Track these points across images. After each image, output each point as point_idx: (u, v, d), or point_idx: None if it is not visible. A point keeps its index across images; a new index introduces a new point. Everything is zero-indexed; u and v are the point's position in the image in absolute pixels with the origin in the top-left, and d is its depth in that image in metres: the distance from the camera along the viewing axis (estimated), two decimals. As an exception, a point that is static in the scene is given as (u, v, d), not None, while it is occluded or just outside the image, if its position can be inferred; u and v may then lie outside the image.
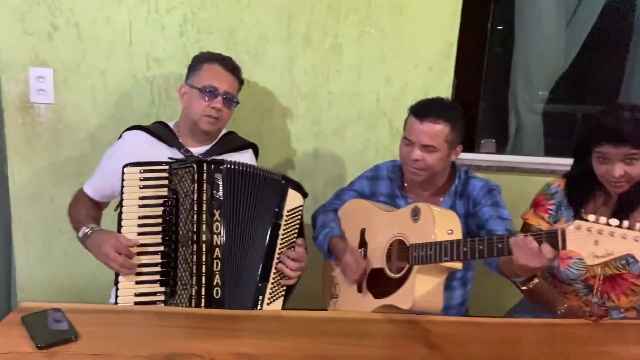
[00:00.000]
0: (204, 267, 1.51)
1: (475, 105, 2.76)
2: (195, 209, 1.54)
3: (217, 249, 1.53)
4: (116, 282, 1.55)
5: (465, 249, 1.39)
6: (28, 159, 2.07)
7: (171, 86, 2.03)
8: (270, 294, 1.58)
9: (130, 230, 1.55)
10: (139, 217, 1.56)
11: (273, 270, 1.60)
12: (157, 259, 1.55)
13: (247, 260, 1.57)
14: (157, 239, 1.56)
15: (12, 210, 2.11)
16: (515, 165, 2.34)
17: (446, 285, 1.56)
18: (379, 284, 1.62)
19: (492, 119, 2.72)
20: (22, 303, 1.40)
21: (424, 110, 1.63)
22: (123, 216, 1.56)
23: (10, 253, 2.16)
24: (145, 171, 1.59)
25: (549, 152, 2.52)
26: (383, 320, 1.47)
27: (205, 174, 1.57)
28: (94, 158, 2.05)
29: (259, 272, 1.58)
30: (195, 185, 1.56)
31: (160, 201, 1.57)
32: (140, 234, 1.55)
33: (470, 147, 2.40)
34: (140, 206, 1.56)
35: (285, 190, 1.64)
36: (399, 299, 1.52)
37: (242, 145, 1.84)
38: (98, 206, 1.78)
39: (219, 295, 1.51)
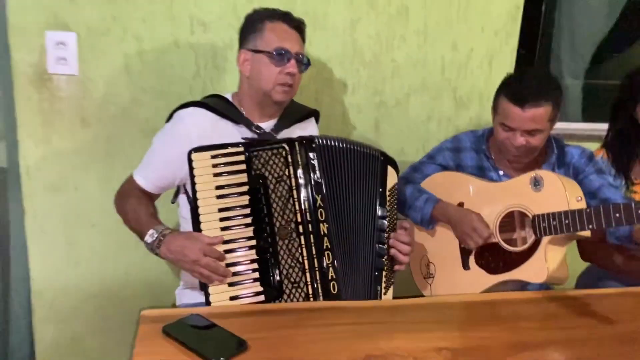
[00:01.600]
0: (316, 261, 1.36)
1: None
2: (295, 196, 1.38)
3: (326, 239, 1.38)
4: (203, 288, 1.36)
5: (603, 216, 1.36)
6: (45, 142, 1.78)
7: (219, 54, 1.81)
8: (385, 282, 1.46)
9: (212, 226, 1.36)
10: (220, 210, 1.37)
11: (385, 257, 1.48)
12: (251, 255, 1.38)
13: (358, 248, 1.43)
14: (247, 232, 1.38)
15: (24, 203, 1.82)
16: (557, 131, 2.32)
17: None
18: (492, 259, 1.56)
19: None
20: (143, 312, 1.22)
21: (522, 94, 1.53)
22: (200, 211, 1.36)
23: (25, 255, 1.88)
24: (217, 156, 1.39)
25: (587, 118, 2.53)
26: (542, 299, 1.43)
27: (299, 155, 1.41)
28: (127, 139, 1.83)
29: (373, 260, 1.44)
30: (290, 168, 1.40)
31: (242, 189, 1.39)
32: (224, 229, 1.36)
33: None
34: (218, 197, 1.37)
35: (385, 167, 1.49)
36: (529, 272, 1.48)
37: (306, 114, 1.67)
38: (151, 199, 1.56)
39: (336, 290, 1.37)
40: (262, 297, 1.37)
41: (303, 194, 1.39)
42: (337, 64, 1.91)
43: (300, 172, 1.40)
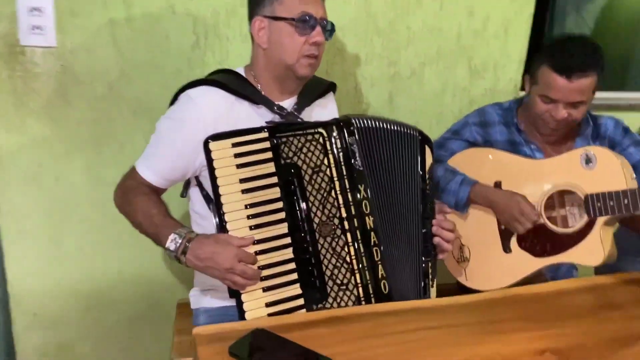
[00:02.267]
0: (364, 259, 1.24)
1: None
2: (337, 187, 1.24)
3: (373, 234, 1.26)
4: (235, 295, 1.21)
5: None
6: (18, 126, 1.54)
7: (221, 21, 1.61)
8: (431, 274, 1.36)
9: (239, 225, 1.21)
10: (247, 206, 1.22)
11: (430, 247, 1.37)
12: (286, 254, 1.24)
13: (405, 239, 1.31)
14: (281, 229, 1.23)
15: (-4, 198, 1.59)
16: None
17: None
18: (538, 241, 1.50)
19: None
20: (196, 330, 1.08)
21: (569, 64, 1.44)
22: (225, 208, 1.20)
23: (0, 256, 1.65)
24: (239, 144, 1.23)
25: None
26: (609, 285, 1.35)
27: (338, 141, 1.26)
28: (117, 121, 1.61)
29: (419, 252, 1.33)
30: (330, 157, 1.25)
31: (271, 180, 1.24)
32: (253, 227, 1.21)
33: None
34: (244, 192, 1.22)
35: (423, 147, 1.37)
36: (584, 255, 1.43)
37: (326, 88, 1.50)
38: (158, 194, 1.36)
39: (387, 289, 1.25)
40: (301, 301, 1.24)
41: (346, 185, 1.25)
42: (350, 32, 1.75)
43: (341, 160, 1.26)
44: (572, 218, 1.49)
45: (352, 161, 1.25)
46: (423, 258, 1.32)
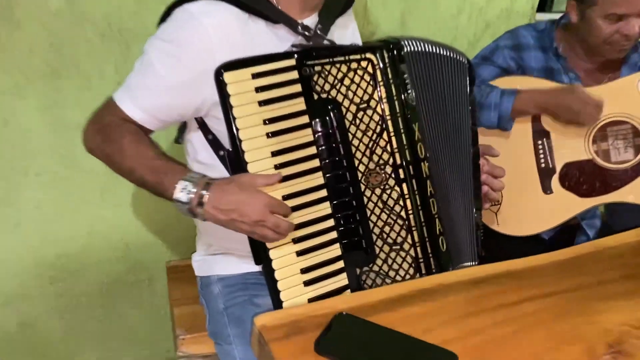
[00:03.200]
0: (422, 213, 1.05)
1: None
2: (390, 128, 1.03)
3: (429, 182, 1.07)
4: (261, 260, 1.00)
5: None
6: (-53, 55, 1.19)
7: None
8: (482, 227, 1.20)
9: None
10: (273, 154, 0.99)
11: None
12: (323, 209, 1.04)
13: (459, 188, 1.13)
14: (316, 179, 1.02)
15: None
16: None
17: None
18: (584, 179, 1.38)
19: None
20: (258, 318, 0.86)
21: None
22: (247, 157, 0.97)
23: None
24: (261, 74, 0.98)
25: None
26: None
27: (389, 68, 1.03)
28: (80, 46, 1.29)
29: (472, 201, 1.15)
30: (381, 89, 1.02)
31: (302, 120, 1.02)
32: (283, 180, 1.00)
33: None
34: (269, 135, 0.99)
35: (472, 75, 1.16)
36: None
37: (345, 3, 1.23)
38: (147, 134, 1.09)
39: (445, 246, 1.08)
40: (341, 264, 1.06)
41: (399, 124, 1.04)
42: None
43: (393, 93, 1.03)
44: (616, 152, 1.38)
45: (406, 95, 1.04)
46: (474, 209, 1.16)
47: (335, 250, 1.05)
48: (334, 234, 1.05)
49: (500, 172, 1.19)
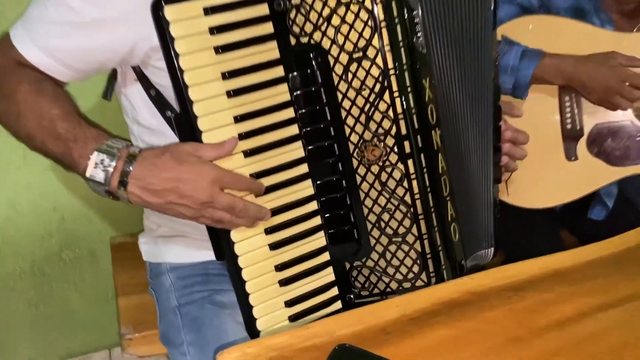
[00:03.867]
0: (431, 197, 0.82)
1: None
2: (395, 86, 0.76)
3: (440, 156, 0.83)
4: (223, 254, 0.78)
5: None
6: None
7: None
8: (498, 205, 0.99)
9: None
10: (237, 119, 0.75)
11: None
12: (304, 190, 0.81)
13: (476, 160, 0.90)
14: (294, 151, 0.79)
15: None
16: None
17: None
18: (615, 145, 1.18)
19: None
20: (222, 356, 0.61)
21: None
22: (201, 124, 0.73)
23: None
24: (216, 9, 0.73)
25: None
26: None
27: (394, 3, 0.76)
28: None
29: (491, 177, 0.94)
30: (382, 32, 0.74)
31: (275, 73, 0.76)
32: (249, 153, 0.76)
33: None
34: (231, 94, 0.74)
35: (496, 14, 0.92)
36: None
37: None
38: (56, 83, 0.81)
39: (457, 235, 0.87)
40: (326, 256, 0.84)
41: (406, 80, 0.78)
42: None
43: (399, 37, 0.77)
44: None
45: (415, 39, 0.78)
46: (492, 185, 0.94)
47: (319, 240, 0.84)
48: (317, 220, 0.83)
49: (524, 138, 0.97)
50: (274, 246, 0.81)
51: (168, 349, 0.90)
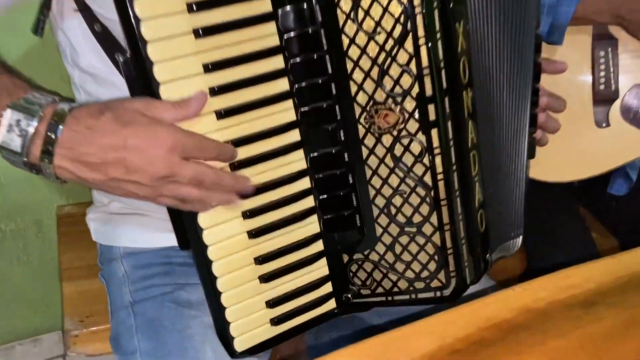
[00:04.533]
0: (456, 177, 0.64)
1: None
2: (421, 30, 0.56)
3: (471, 125, 0.65)
4: (188, 242, 0.61)
5: None
6: None
7: None
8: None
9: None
10: (207, 68, 0.56)
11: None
12: (295, 164, 0.62)
13: (512, 130, 0.72)
14: (282, 114, 0.60)
15: None
16: None
17: None
18: None
19: None
20: None
21: None
22: (158, 72, 0.54)
23: None
24: None
25: None
26: None
27: None
28: None
29: (525, 151, 0.76)
30: None
31: (259, 7, 0.56)
32: (223, 113, 0.57)
33: None
34: (200, 33, 0.55)
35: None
36: None
37: None
38: None
39: (484, 224, 0.70)
40: (320, 246, 0.67)
41: (436, 23, 0.57)
42: None
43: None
44: None
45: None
46: (525, 162, 0.76)
47: (311, 226, 0.66)
48: (310, 202, 0.65)
49: (561, 105, 0.79)
50: (254, 234, 0.63)
51: (117, 356, 0.72)
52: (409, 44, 0.56)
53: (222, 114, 0.58)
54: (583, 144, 1.02)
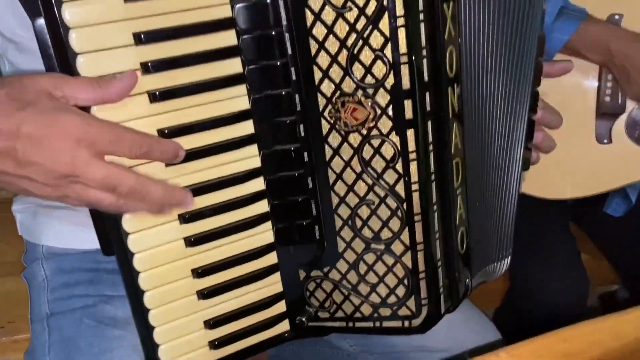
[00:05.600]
0: (435, 187, 0.53)
1: None
2: (400, 7, 0.45)
3: (456, 127, 0.54)
4: (112, 248, 0.50)
5: None
6: None
7: None
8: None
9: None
10: (140, 39, 0.45)
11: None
12: (247, 161, 0.52)
13: (504, 137, 0.61)
14: (232, 103, 0.50)
15: None
16: None
17: None
18: None
19: None
20: None
21: None
22: (73, 39, 0.43)
23: None
24: None
25: None
26: None
27: None
28: None
29: (519, 162, 0.66)
30: None
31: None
32: (157, 97, 0.47)
33: None
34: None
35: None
36: None
37: None
38: None
39: (465, 244, 0.59)
40: (273, 258, 0.56)
41: (418, 2, 0.48)
42: None
43: None
44: None
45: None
46: (519, 173, 0.66)
47: (263, 235, 0.56)
48: (263, 206, 0.55)
49: (557, 121, 0.69)
50: (193, 241, 0.52)
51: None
52: (384, 24, 0.45)
53: (156, 97, 0.48)
54: (580, 159, 0.92)
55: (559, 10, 0.84)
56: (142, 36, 0.46)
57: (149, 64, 0.47)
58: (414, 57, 0.47)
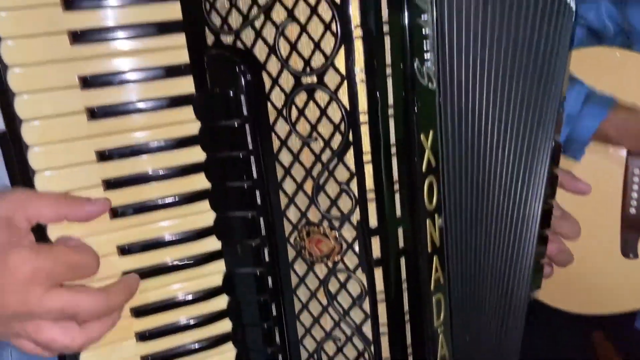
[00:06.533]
0: (409, 330, 0.47)
1: None
2: (366, 143, 0.41)
3: (436, 261, 0.49)
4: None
5: None
6: None
7: None
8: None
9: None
10: (103, 155, 0.44)
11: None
12: (208, 276, 0.48)
13: (500, 263, 0.55)
14: (195, 217, 0.47)
15: None
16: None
17: None
18: None
19: None
20: None
21: None
22: (34, 157, 0.42)
23: None
24: None
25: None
26: None
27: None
28: None
29: (527, 286, 0.59)
30: (355, 45, 0.40)
31: (177, 87, 0.44)
32: (118, 213, 0.45)
33: None
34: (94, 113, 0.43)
35: (573, 36, 0.58)
36: None
37: None
38: None
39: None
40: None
41: (389, 132, 0.43)
42: None
43: (387, 58, 0.43)
44: None
45: (415, 64, 0.45)
46: (525, 301, 0.60)
47: (227, 355, 0.52)
48: (226, 325, 0.50)
49: (575, 232, 0.63)
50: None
51: None
52: (349, 159, 0.42)
53: (117, 213, 0.45)
54: (604, 273, 0.83)
55: (584, 97, 0.78)
56: (107, 152, 0.44)
57: (112, 180, 0.45)
58: (384, 194, 0.43)
